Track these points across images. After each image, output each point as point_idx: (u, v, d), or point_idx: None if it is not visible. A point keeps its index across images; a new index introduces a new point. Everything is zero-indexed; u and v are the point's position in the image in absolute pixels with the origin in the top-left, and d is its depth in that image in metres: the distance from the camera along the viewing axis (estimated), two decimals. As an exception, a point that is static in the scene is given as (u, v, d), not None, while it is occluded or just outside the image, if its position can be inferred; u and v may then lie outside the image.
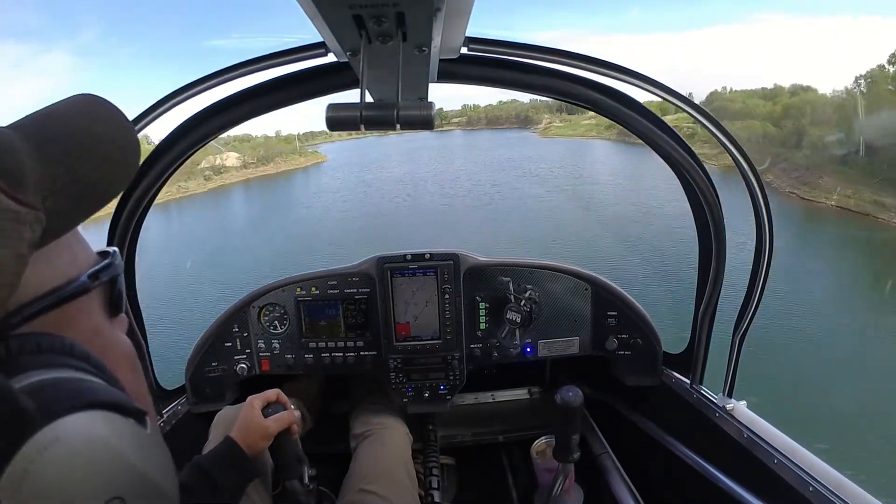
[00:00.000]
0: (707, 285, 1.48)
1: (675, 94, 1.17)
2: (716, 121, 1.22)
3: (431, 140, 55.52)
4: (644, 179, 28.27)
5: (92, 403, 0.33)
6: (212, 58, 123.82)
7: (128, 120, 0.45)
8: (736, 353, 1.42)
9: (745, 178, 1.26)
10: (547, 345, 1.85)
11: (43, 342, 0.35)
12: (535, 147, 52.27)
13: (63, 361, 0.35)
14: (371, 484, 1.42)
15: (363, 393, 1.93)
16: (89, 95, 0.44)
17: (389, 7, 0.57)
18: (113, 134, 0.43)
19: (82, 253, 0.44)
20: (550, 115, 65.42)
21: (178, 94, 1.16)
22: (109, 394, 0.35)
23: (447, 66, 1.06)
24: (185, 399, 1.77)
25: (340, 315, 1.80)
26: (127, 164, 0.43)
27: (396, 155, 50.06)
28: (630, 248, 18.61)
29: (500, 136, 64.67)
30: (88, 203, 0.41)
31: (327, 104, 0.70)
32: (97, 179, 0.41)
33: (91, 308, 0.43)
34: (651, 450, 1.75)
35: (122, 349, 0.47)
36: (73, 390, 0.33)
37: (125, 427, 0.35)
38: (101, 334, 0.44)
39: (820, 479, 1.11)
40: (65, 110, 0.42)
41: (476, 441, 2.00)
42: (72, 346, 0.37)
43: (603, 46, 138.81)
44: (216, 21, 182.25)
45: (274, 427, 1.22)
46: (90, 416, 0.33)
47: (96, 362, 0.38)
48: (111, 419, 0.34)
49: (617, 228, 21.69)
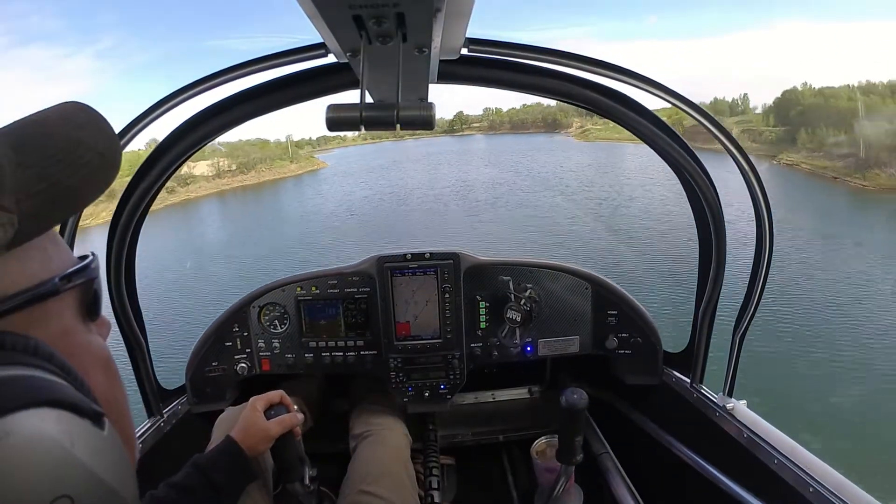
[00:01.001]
0: (707, 285, 1.48)
1: (675, 94, 1.17)
2: (715, 120, 1.22)
3: (452, 144, 52.33)
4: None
5: (46, 401, 0.33)
6: (212, 58, 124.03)
7: (111, 128, 0.46)
8: (736, 352, 1.42)
9: (745, 179, 1.26)
10: (547, 344, 1.85)
11: (6, 340, 0.36)
12: (576, 152, 47.00)
13: (24, 360, 0.36)
14: (371, 484, 1.42)
15: (363, 392, 1.93)
16: (76, 102, 0.45)
17: (389, 7, 0.57)
18: (94, 140, 0.43)
19: (57, 256, 0.45)
20: (580, 118, 62.87)
21: (178, 95, 1.16)
22: (65, 393, 0.36)
23: (447, 66, 1.06)
24: (185, 399, 1.78)
25: (340, 314, 1.80)
26: (106, 171, 0.44)
27: (408, 162, 45.83)
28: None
29: (529, 140, 60.13)
30: (63, 207, 0.42)
31: (327, 105, 0.70)
32: (74, 184, 0.41)
33: (62, 310, 0.43)
34: (651, 449, 1.75)
35: (94, 352, 0.46)
36: (28, 387, 0.34)
37: (79, 426, 0.35)
38: (72, 336, 0.44)
39: (820, 480, 1.11)
40: (50, 116, 0.43)
41: (476, 441, 2.00)
42: (36, 345, 0.37)
43: (619, 53, 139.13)
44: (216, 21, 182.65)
45: (276, 429, 1.22)
46: (42, 413, 0.33)
47: (60, 363, 0.39)
48: (64, 418, 0.34)
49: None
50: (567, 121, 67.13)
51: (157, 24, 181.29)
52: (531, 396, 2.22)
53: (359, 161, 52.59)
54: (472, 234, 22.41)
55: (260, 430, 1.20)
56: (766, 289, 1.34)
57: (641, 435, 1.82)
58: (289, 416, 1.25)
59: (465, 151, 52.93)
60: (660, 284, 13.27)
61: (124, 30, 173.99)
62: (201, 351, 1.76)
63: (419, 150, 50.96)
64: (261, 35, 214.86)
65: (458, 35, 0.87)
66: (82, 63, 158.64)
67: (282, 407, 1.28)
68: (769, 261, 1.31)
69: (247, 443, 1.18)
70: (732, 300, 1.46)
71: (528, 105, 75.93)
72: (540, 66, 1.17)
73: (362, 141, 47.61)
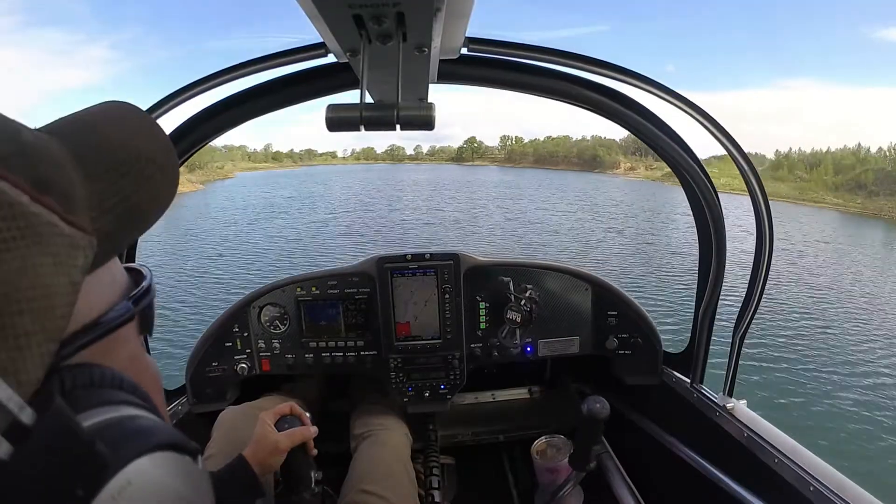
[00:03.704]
0: (707, 285, 1.48)
1: (675, 94, 1.17)
2: (714, 120, 1.22)
3: (459, 173, 41.09)
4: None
5: (157, 445, 0.32)
6: (211, 59, 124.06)
7: (165, 134, 0.42)
8: (736, 352, 1.42)
9: (745, 179, 1.26)
10: (547, 344, 1.85)
11: (95, 375, 0.33)
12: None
13: (116, 397, 0.34)
14: (371, 484, 1.42)
15: (363, 393, 1.93)
16: (124, 104, 0.41)
17: (389, 7, 0.57)
18: (153, 152, 0.39)
19: (118, 274, 0.41)
20: (626, 157, 50.93)
21: (178, 95, 1.16)
22: (169, 433, 0.34)
23: (447, 66, 1.06)
24: (185, 399, 1.78)
25: (340, 315, 1.80)
26: (168, 185, 0.40)
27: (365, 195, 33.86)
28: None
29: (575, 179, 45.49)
30: (135, 225, 0.38)
31: (327, 105, 0.70)
32: (141, 199, 0.38)
33: (129, 333, 0.41)
34: (651, 449, 1.75)
35: (153, 372, 0.45)
36: (136, 430, 0.32)
37: (184, 466, 0.34)
38: (137, 360, 0.42)
39: (821, 479, 1.11)
40: (101, 119, 0.38)
41: (476, 441, 2.00)
42: (121, 378, 0.36)
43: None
44: (215, 21, 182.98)
45: (285, 443, 1.19)
46: (154, 457, 0.32)
47: (143, 394, 0.37)
48: (175, 460, 0.33)
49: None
50: (612, 158, 52.53)
51: (181, 23, 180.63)
52: (531, 396, 2.22)
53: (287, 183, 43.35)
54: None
55: (270, 443, 1.18)
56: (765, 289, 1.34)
57: (641, 435, 1.82)
58: (300, 429, 1.23)
59: (471, 184, 41.97)
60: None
61: (146, 25, 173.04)
62: (201, 351, 1.76)
63: (413, 177, 42.18)
64: (261, 35, 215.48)
65: (458, 35, 0.87)
66: (99, 52, 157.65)
67: (295, 419, 1.25)
68: (769, 261, 1.31)
69: (257, 458, 1.16)
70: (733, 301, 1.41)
71: (553, 138, 62.52)
72: (541, 66, 1.17)
73: (354, 160, 44.02)
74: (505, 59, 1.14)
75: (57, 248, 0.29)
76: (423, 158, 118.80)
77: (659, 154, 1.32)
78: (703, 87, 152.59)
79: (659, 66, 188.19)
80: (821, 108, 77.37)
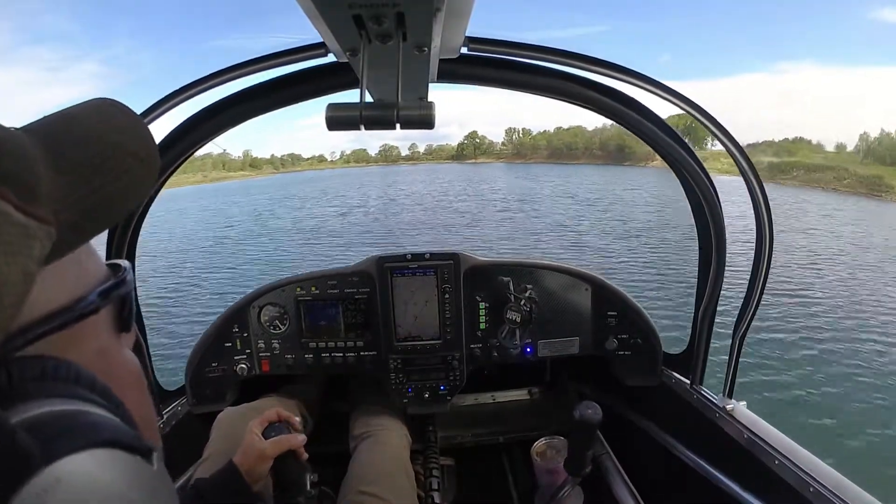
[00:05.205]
0: (707, 285, 1.48)
1: (675, 93, 1.17)
2: (715, 120, 1.22)
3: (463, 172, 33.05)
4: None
5: (98, 441, 0.31)
6: (211, 58, 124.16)
7: (147, 129, 0.42)
8: (736, 353, 1.42)
9: (745, 179, 1.26)
10: (547, 345, 1.85)
11: (48, 367, 0.33)
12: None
13: (68, 391, 0.33)
14: (370, 485, 1.42)
15: (363, 393, 1.93)
16: (108, 100, 0.41)
17: (389, 7, 0.57)
18: (135, 145, 0.39)
19: (92, 266, 0.41)
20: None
21: (177, 95, 1.15)
22: (116, 429, 0.33)
23: (447, 65, 1.06)
24: (185, 400, 1.77)
25: (340, 315, 1.79)
26: (147, 178, 0.40)
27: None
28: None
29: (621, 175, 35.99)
30: (104, 217, 0.38)
31: (327, 104, 0.70)
32: (114, 192, 0.37)
33: (98, 327, 0.40)
34: (651, 450, 1.74)
35: (128, 368, 0.43)
36: (77, 426, 0.31)
37: (131, 466, 0.32)
38: (108, 355, 0.41)
39: (821, 480, 1.11)
40: (81, 114, 0.39)
41: (476, 442, 2.00)
42: (77, 372, 0.34)
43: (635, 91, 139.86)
44: (216, 21, 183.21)
45: (271, 450, 1.20)
46: (94, 454, 0.30)
47: (102, 389, 0.36)
48: (117, 458, 0.31)
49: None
50: (643, 148, 42.70)
51: (170, 35, 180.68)
52: (531, 397, 2.22)
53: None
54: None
55: (256, 450, 1.19)
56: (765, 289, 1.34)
57: (641, 436, 1.82)
58: (286, 437, 1.23)
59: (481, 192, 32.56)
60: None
61: (138, 39, 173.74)
62: (201, 352, 1.76)
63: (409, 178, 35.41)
64: (260, 35, 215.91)
65: (458, 34, 0.87)
66: (91, 67, 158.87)
67: (282, 426, 1.26)
68: (769, 261, 1.31)
69: (245, 465, 1.17)
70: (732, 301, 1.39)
71: (563, 129, 49.96)
72: (541, 66, 1.16)
73: (343, 163, 41.13)
74: (505, 59, 1.14)
75: (8, 236, 0.28)
76: (419, 158, 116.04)
77: (658, 153, 1.32)
78: (700, 77, 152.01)
79: (654, 56, 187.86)
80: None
